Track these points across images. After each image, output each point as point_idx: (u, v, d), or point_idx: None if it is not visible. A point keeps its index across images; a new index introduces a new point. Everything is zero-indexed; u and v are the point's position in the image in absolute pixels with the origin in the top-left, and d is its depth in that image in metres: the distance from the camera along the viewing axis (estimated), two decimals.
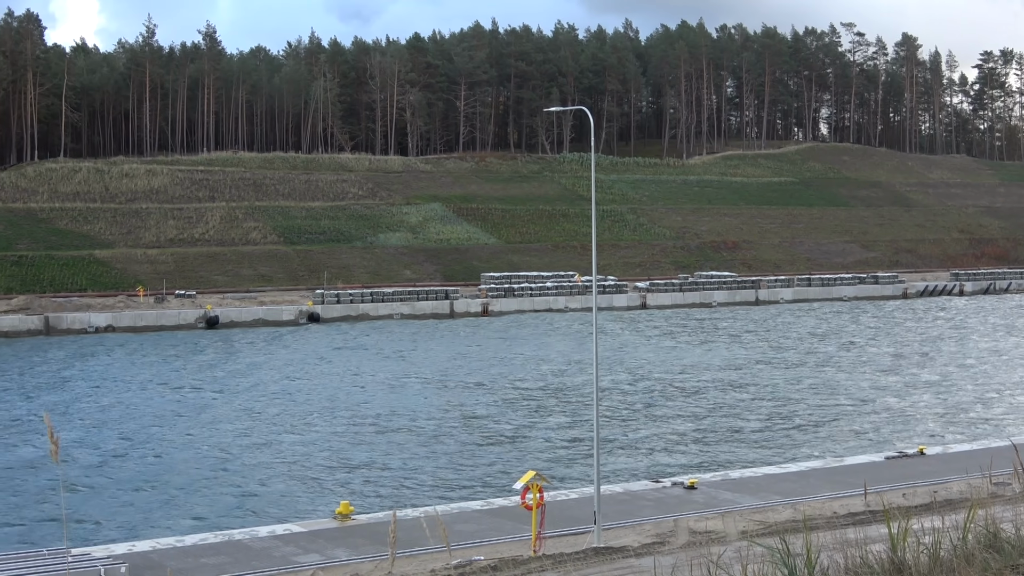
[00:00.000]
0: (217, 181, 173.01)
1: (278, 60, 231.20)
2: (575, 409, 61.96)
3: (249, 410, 62.93)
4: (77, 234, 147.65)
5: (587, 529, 30.21)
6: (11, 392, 70.70)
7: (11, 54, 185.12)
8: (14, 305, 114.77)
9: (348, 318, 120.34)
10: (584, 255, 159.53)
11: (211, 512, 40.39)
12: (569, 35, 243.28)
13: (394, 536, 20.57)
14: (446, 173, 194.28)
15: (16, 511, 40.82)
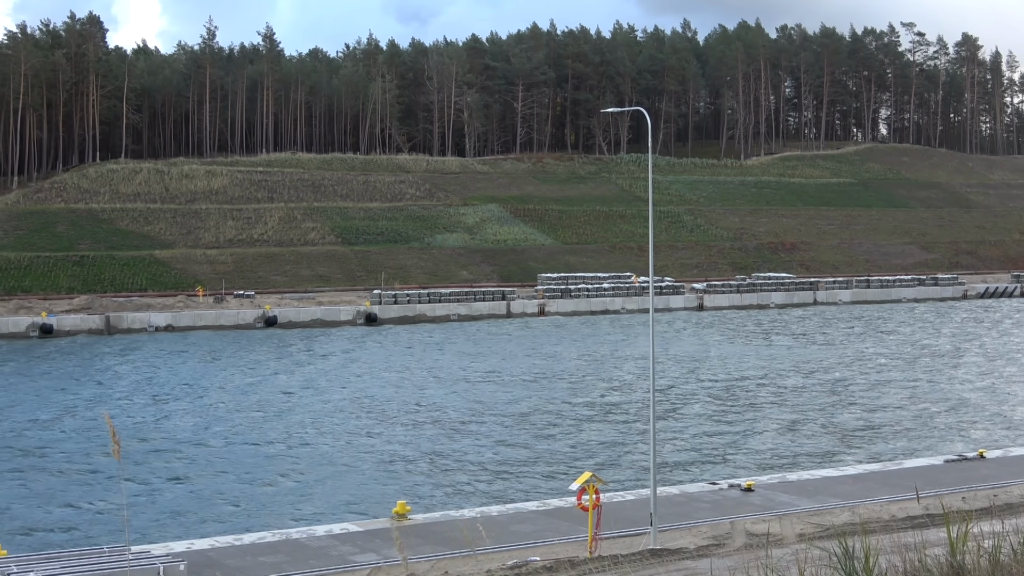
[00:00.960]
0: (276, 182, 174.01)
1: (336, 61, 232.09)
2: (634, 409, 61.84)
3: (315, 409, 63.25)
4: (138, 234, 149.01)
5: (643, 531, 30.18)
6: (86, 389, 71.48)
7: (74, 56, 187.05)
8: (76, 305, 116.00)
9: (405, 319, 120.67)
10: (641, 256, 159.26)
11: (269, 510, 40.65)
12: (627, 36, 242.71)
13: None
14: (503, 174, 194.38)
15: (79, 509, 41.27)
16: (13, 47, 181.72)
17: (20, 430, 57.47)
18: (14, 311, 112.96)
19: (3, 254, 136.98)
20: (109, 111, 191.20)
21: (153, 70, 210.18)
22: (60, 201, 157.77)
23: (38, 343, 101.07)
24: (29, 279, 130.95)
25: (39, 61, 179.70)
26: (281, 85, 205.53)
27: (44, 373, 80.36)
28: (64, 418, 60.96)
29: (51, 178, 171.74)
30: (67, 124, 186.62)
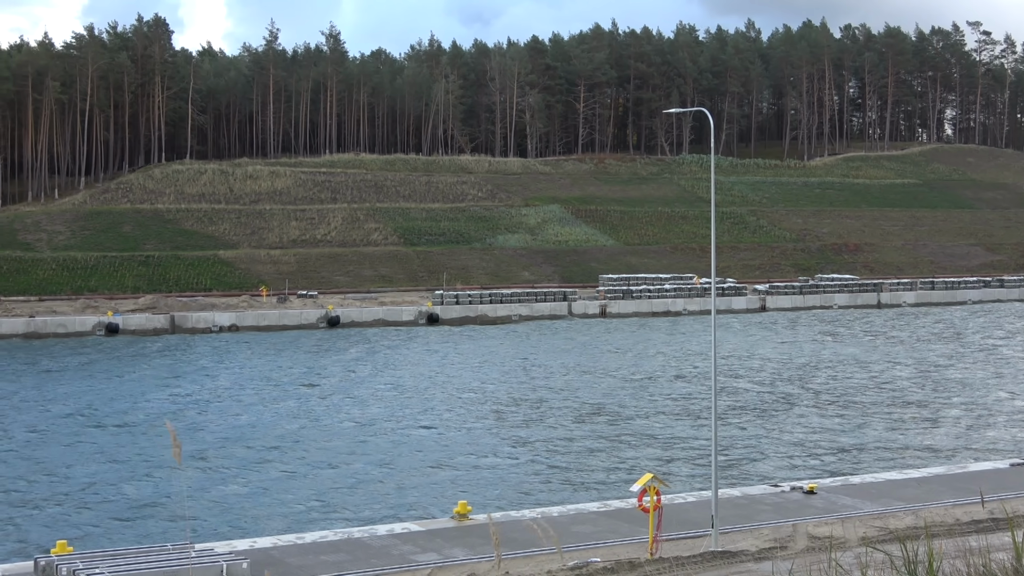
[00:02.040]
0: (339, 183, 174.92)
1: (399, 62, 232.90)
2: (695, 411, 61.67)
3: (381, 408, 63.55)
4: (202, 235, 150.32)
5: (704, 533, 30.12)
6: (148, 383, 72.23)
7: (140, 58, 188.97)
8: (141, 304, 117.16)
9: (467, 319, 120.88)
10: (703, 257, 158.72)
11: (334, 509, 40.88)
12: (689, 36, 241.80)
13: (496, 538, 20.74)
14: (565, 175, 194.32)
15: (146, 506, 41.70)
16: (81, 49, 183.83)
17: (91, 425, 58.17)
18: (81, 310, 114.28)
19: (70, 254, 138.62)
20: (174, 112, 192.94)
21: (218, 71, 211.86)
22: (126, 201, 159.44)
23: (106, 340, 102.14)
24: (96, 279, 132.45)
25: (106, 63, 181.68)
26: (344, 86, 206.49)
27: (131, 370, 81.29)
28: (142, 413, 61.64)
29: (117, 179, 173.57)
30: (133, 125, 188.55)
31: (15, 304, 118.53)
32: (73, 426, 58.78)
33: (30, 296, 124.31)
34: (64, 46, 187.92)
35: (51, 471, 47.89)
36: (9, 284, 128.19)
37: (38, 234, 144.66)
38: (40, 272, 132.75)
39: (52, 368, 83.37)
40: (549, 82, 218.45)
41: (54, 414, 62.51)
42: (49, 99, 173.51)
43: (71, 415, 62.19)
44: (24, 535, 37.75)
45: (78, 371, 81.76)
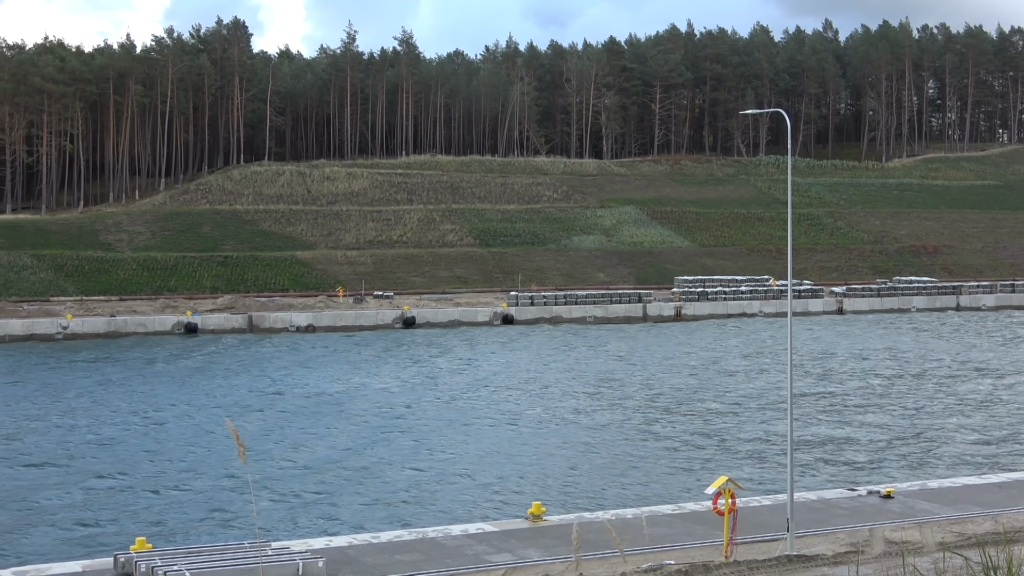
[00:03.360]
0: (415, 184, 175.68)
1: (475, 64, 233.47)
2: (771, 414, 61.34)
3: (460, 410, 63.79)
4: (280, 235, 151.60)
5: (779, 536, 29.97)
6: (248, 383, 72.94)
7: (219, 61, 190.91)
8: (220, 304, 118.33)
9: (541, 320, 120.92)
10: (779, 259, 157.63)
11: (407, 509, 41.09)
12: (765, 37, 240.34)
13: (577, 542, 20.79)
14: (640, 176, 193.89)
15: (225, 504, 42.13)
16: (161, 52, 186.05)
17: (172, 423, 58.88)
18: (160, 310, 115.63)
19: (150, 254, 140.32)
20: (253, 114, 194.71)
21: (296, 74, 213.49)
22: (205, 202, 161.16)
23: (185, 340, 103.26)
24: (175, 279, 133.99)
25: (186, 65, 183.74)
26: (421, 88, 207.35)
27: (222, 370, 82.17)
28: (226, 412, 62.29)
29: (196, 180, 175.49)
30: (212, 127, 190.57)
31: (96, 303, 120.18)
32: (153, 424, 59.50)
33: (111, 296, 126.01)
34: (145, 49, 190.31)
35: (132, 468, 48.53)
36: (91, 284, 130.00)
37: (119, 234, 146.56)
38: (121, 272, 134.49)
39: (133, 368, 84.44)
40: (625, 83, 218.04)
41: (135, 412, 63.31)
42: (130, 101, 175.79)
43: (151, 413, 62.95)
44: (104, 531, 38.29)
45: (159, 370, 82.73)
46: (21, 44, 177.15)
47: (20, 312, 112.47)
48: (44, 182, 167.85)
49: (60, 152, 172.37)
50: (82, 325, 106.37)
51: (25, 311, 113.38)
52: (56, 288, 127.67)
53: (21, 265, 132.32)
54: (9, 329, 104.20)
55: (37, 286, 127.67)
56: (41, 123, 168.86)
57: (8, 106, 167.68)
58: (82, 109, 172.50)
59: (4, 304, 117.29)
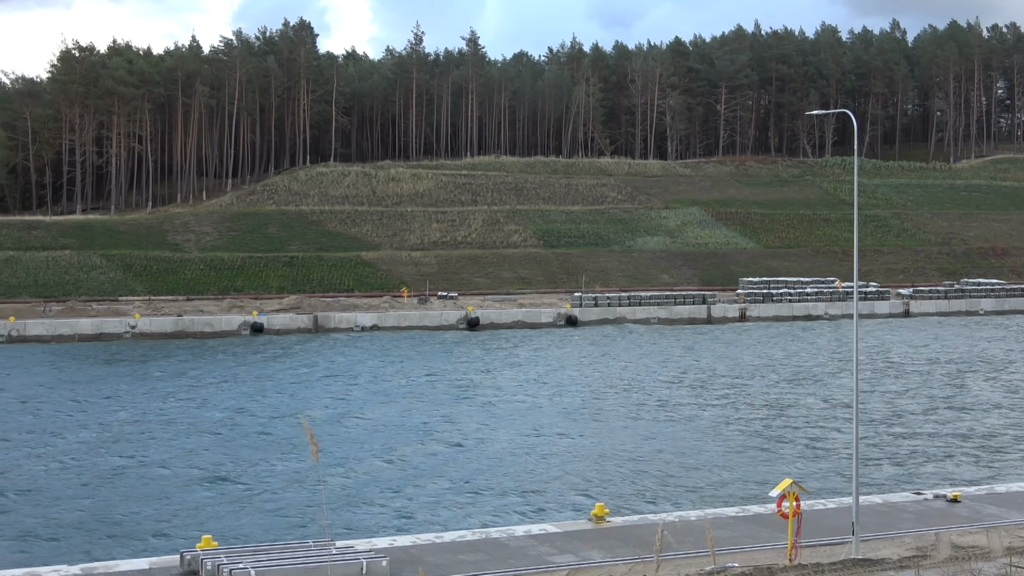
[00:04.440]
0: (479, 185, 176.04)
1: (540, 65, 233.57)
2: (839, 415, 60.96)
3: (515, 410, 63.90)
4: (345, 236, 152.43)
5: (844, 540, 29.84)
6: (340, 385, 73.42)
7: (286, 62, 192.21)
8: (286, 304, 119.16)
9: (605, 321, 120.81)
10: (845, 261, 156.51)
11: (472, 509, 41.23)
12: (832, 37, 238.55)
13: (660, 544, 20.83)
14: (705, 177, 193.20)
15: (291, 503, 42.48)
16: (229, 54, 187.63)
17: (240, 422, 59.38)
18: (227, 310, 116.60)
19: (217, 254, 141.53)
20: (319, 115, 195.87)
21: (362, 75, 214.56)
22: (271, 203, 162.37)
23: (251, 339, 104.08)
24: (241, 279, 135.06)
25: (253, 67, 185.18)
26: (485, 89, 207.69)
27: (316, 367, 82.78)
28: (294, 411, 62.78)
29: (263, 181, 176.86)
30: (279, 128, 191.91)
31: (164, 303, 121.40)
32: (226, 422, 60.03)
33: (178, 295, 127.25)
34: (212, 51, 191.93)
35: (199, 466, 49.01)
36: (159, 284, 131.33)
37: (186, 235, 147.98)
38: (188, 272, 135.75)
39: (198, 367, 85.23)
40: (690, 84, 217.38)
41: (203, 411, 63.91)
42: (198, 103, 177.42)
43: (223, 411, 63.53)
44: (171, 529, 38.72)
45: (230, 369, 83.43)
46: (91, 47, 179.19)
47: (89, 311, 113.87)
48: (113, 183, 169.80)
49: (129, 153, 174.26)
50: (150, 325, 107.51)
51: (94, 310, 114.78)
52: (125, 288, 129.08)
53: (91, 265, 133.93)
54: (79, 328, 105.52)
55: (106, 286, 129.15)
56: (111, 125, 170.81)
57: (79, 108, 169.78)
58: (151, 111, 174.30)
59: (74, 303, 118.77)
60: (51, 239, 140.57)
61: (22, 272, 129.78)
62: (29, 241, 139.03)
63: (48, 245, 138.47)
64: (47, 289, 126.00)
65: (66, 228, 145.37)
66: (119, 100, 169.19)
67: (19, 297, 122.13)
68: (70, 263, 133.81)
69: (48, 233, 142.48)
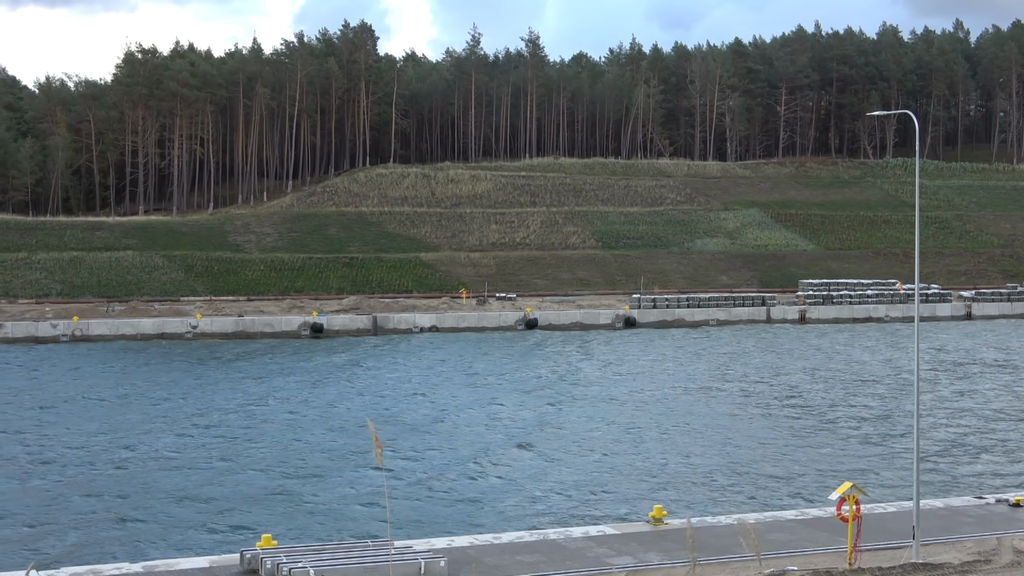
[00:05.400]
0: (538, 186, 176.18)
1: (599, 66, 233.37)
2: (901, 418, 60.56)
3: (577, 413, 63.95)
4: (404, 237, 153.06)
5: (905, 544, 29.68)
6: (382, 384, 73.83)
7: (346, 64, 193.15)
8: (345, 305, 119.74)
9: (663, 323, 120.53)
10: (906, 263, 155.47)
11: (525, 510, 41.30)
12: (893, 37, 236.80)
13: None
14: (764, 178, 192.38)
15: (351, 502, 42.71)
16: (289, 56, 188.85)
17: (304, 422, 59.79)
18: (287, 310, 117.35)
19: (278, 255, 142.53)
20: (379, 117, 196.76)
21: (421, 77, 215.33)
22: (331, 204, 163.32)
23: (311, 340, 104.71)
24: (302, 280, 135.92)
25: (314, 69, 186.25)
26: (545, 90, 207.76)
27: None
28: (353, 412, 63.12)
29: (323, 182, 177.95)
30: (339, 130, 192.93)
31: (225, 303, 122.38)
32: (285, 422, 60.43)
33: (239, 296, 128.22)
34: (274, 53, 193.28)
35: (282, 466, 49.39)
36: (220, 284, 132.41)
37: (247, 236, 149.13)
38: (249, 273, 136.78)
39: (264, 366, 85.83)
40: (750, 85, 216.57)
41: (266, 410, 64.37)
42: (259, 104, 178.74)
43: (289, 410, 63.94)
44: (230, 528, 39.04)
45: (292, 369, 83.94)
46: (154, 49, 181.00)
47: (152, 311, 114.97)
48: (175, 184, 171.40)
49: (191, 155, 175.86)
50: (211, 325, 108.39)
51: (156, 310, 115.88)
52: (186, 288, 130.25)
53: (153, 265, 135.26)
54: (141, 328, 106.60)
55: (168, 286, 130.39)
56: (173, 126, 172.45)
57: (142, 110, 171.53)
58: (212, 112, 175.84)
59: (136, 303, 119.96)
60: (114, 240, 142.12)
61: (86, 272, 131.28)
62: (93, 242, 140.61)
63: (111, 246, 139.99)
64: (110, 289, 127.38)
65: (129, 229, 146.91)
66: (181, 102, 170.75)
67: (83, 297, 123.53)
68: (133, 263, 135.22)
69: (111, 234, 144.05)
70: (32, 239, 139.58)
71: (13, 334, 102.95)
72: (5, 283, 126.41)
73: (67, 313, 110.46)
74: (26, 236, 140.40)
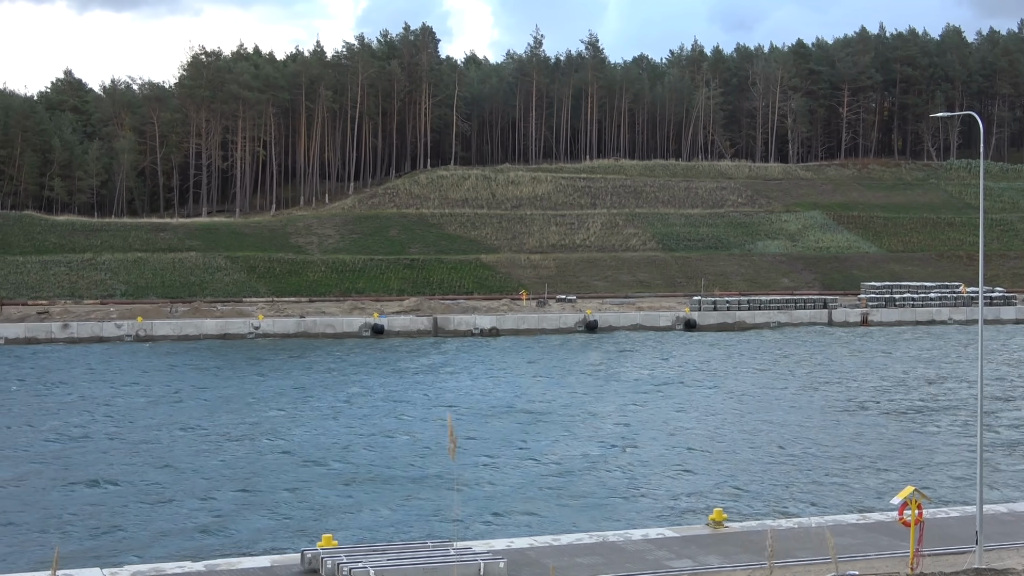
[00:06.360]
0: (599, 188, 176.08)
1: (661, 68, 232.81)
2: (966, 421, 60.05)
3: (637, 415, 63.90)
4: (465, 239, 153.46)
5: (967, 549, 29.49)
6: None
7: (408, 66, 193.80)
8: (406, 306, 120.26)
9: (724, 325, 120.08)
10: (970, 265, 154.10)
11: (585, 512, 41.34)
12: (957, 38, 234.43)
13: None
14: (827, 180, 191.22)
15: (414, 501, 42.94)
16: (351, 58, 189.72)
17: (373, 419, 60.12)
18: (348, 311, 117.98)
19: (339, 257, 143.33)
20: (440, 119, 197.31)
21: (482, 79, 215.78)
22: (392, 206, 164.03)
23: (372, 341, 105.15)
24: (363, 281, 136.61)
25: (375, 71, 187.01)
26: (605, 92, 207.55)
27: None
28: (421, 410, 63.41)
29: (384, 184, 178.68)
30: (400, 132, 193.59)
31: (287, 304, 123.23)
32: (352, 420, 60.78)
33: (301, 297, 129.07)
34: (336, 55, 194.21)
35: (324, 463, 49.71)
36: (282, 285, 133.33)
37: (309, 237, 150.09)
38: (311, 274, 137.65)
39: (334, 365, 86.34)
40: (812, 86, 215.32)
41: (333, 407, 64.75)
42: (321, 107, 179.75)
43: (351, 410, 64.31)
44: (292, 527, 39.34)
45: (359, 368, 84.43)
46: (218, 52, 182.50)
47: (215, 312, 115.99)
48: (238, 186, 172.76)
49: (253, 157, 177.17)
50: (273, 326, 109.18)
51: (219, 311, 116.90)
52: (248, 289, 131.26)
53: (216, 266, 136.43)
54: (204, 328, 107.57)
55: (231, 287, 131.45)
56: (236, 129, 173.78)
57: (205, 112, 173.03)
58: (275, 115, 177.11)
59: (199, 304, 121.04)
60: (177, 241, 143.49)
61: (149, 273, 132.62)
62: (156, 243, 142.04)
63: (175, 247, 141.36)
64: (173, 290, 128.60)
65: (192, 230, 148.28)
66: (244, 104, 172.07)
67: (146, 298, 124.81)
68: (196, 264, 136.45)
69: (175, 235, 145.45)
70: (97, 240, 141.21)
71: (79, 334, 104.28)
72: (71, 284, 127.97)
73: (131, 314, 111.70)
74: (92, 237, 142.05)
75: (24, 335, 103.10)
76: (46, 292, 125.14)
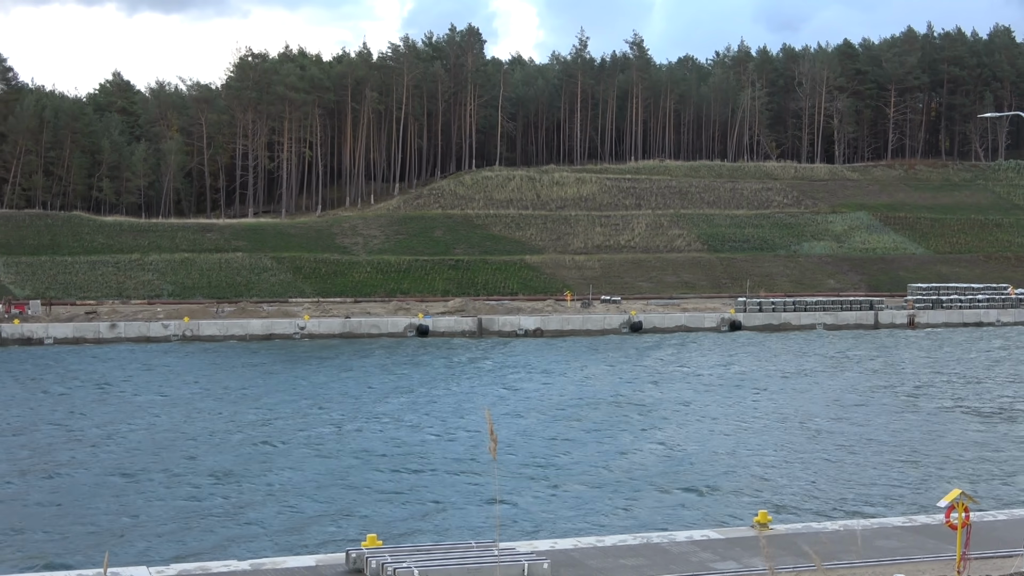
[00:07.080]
0: (643, 189, 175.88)
1: (706, 69, 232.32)
2: (1013, 425, 59.66)
3: (682, 417, 63.83)
4: (509, 240, 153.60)
5: (1015, 552, 29.31)
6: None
7: (453, 68, 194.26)
8: (451, 307, 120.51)
9: (769, 327, 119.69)
10: (1018, 267, 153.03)
11: (633, 512, 41.34)
12: (1006, 38, 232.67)
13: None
14: (873, 181, 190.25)
15: (458, 500, 43.06)
16: (397, 59, 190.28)
17: (416, 420, 60.32)
18: (393, 312, 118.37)
19: (384, 257, 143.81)
20: (485, 120, 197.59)
21: (527, 80, 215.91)
22: (437, 207, 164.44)
23: (418, 341, 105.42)
24: (408, 281, 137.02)
25: (420, 72, 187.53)
26: (650, 93, 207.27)
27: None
28: (468, 410, 63.58)
29: (429, 185, 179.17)
30: (445, 133, 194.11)
31: (332, 305, 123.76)
32: (395, 420, 60.99)
33: (346, 297, 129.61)
34: (381, 57, 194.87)
35: (368, 462, 49.89)
36: (327, 286, 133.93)
37: (355, 238, 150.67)
38: (356, 274, 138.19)
39: (379, 365, 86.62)
40: (858, 87, 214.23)
41: (376, 408, 64.99)
42: (367, 108, 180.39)
43: (394, 410, 64.53)
44: (338, 526, 39.54)
45: (405, 367, 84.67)
46: (264, 54, 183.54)
47: (260, 312, 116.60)
48: (284, 187, 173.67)
49: (299, 158, 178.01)
50: (318, 326, 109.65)
51: (265, 311, 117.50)
52: (294, 289, 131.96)
53: (262, 267, 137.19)
54: (250, 329, 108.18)
55: (276, 287, 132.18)
56: (282, 130, 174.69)
57: (252, 113, 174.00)
58: (320, 116, 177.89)
59: (246, 304, 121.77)
60: (224, 241, 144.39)
61: (196, 273, 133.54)
62: (203, 243, 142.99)
63: (221, 247, 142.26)
64: (220, 290, 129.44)
65: (238, 231, 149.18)
66: (290, 106, 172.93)
67: (193, 298, 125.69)
68: (242, 265, 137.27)
69: (221, 235, 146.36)
70: (145, 241, 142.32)
71: (126, 334, 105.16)
72: (119, 284, 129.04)
73: (178, 314, 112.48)
74: (139, 238, 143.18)
75: (72, 335, 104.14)
76: (94, 292, 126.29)
